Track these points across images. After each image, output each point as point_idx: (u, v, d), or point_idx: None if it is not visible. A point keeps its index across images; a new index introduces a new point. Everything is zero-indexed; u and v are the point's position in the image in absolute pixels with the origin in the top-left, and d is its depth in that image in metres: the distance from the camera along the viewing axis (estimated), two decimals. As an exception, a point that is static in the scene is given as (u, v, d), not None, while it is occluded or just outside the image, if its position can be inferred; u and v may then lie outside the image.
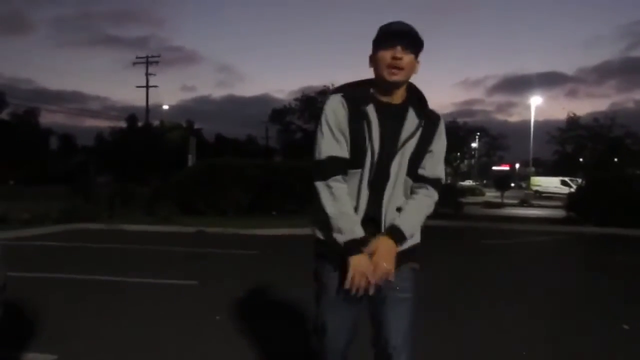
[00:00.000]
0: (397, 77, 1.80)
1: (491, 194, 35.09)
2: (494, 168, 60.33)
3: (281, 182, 13.13)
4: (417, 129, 1.86)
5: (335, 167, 1.84)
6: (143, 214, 12.41)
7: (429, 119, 1.90)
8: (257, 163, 14.67)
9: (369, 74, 1.90)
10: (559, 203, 19.24)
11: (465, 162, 66.33)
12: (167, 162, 27.57)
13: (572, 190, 16.51)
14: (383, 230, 1.86)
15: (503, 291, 5.58)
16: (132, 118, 46.11)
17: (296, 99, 48.42)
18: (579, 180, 16.99)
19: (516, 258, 8.51)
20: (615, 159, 42.13)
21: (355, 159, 1.85)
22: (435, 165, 1.94)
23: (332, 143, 1.84)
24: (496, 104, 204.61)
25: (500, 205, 24.05)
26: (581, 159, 46.94)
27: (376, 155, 1.83)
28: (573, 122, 47.92)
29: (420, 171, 1.92)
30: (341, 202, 1.82)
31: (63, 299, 4.72)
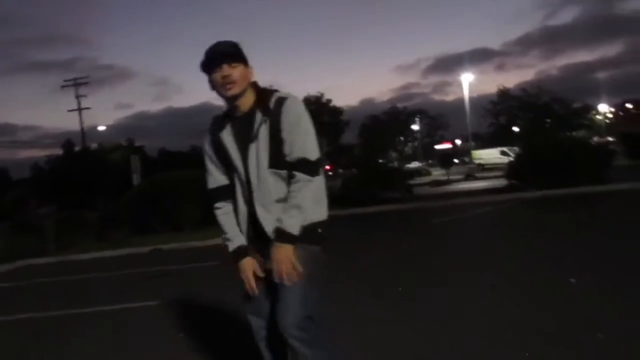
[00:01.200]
0: (232, 91, 1.99)
1: (437, 173, 36.17)
2: (437, 147, 62.04)
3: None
4: (261, 123, 2.00)
5: (214, 197, 2.17)
6: (93, 240, 12.04)
7: (274, 108, 2.00)
8: (203, 174, 14.50)
9: (301, 71, 2.03)
10: (501, 173, 20.08)
11: (409, 144, 67.91)
12: (112, 184, 26.70)
13: (512, 159, 17.24)
14: (266, 229, 2.03)
15: (459, 264, 5.83)
16: (68, 143, 44.20)
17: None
18: (516, 149, 17.79)
19: (467, 231, 8.88)
20: (547, 124, 44.40)
21: (231, 180, 2.14)
22: (294, 148, 1.98)
23: (210, 177, 2.18)
24: (432, 85, 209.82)
25: (447, 182, 24.87)
26: (515, 129, 49.15)
27: (241, 170, 2.06)
28: (504, 94, 50.14)
29: (287, 159, 2.00)
30: (221, 224, 2.16)
31: (20, 340, 4.56)
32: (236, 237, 2.12)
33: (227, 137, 2.06)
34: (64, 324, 5.04)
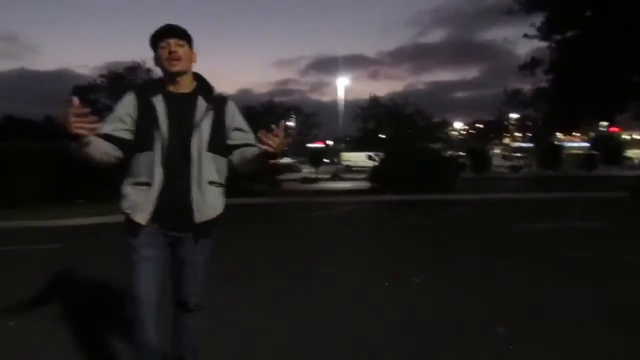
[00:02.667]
0: (177, 67, 2.09)
1: (307, 170, 37.04)
2: (309, 145, 63.57)
3: (82, 167, 11.95)
4: (207, 111, 2.16)
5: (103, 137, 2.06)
6: None
7: (217, 102, 2.21)
8: (57, 146, 13.12)
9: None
10: (366, 175, 21.21)
11: (283, 140, 68.54)
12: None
13: (376, 163, 18.29)
14: (194, 204, 2.11)
15: (319, 256, 6.00)
16: None
17: (102, 75, 44.61)
18: (381, 155, 18.94)
19: (328, 228, 9.20)
20: (408, 133, 47.96)
21: (144, 142, 2.10)
22: (247, 134, 2.28)
23: (104, 125, 2.07)
24: (310, 84, 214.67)
25: (315, 180, 25.58)
26: (381, 135, 52.34)
27: (166, 139, 2.09)
28: (374, 101, 53.07)
29: (244, 141, 2.24)
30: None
31: None
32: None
33: (159, 104, 2.10)
34: None
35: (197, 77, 2.23)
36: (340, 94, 47.25)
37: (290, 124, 65.17)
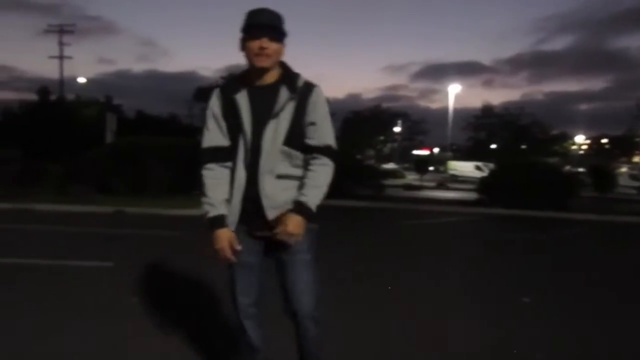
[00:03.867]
0: (264, 63, 2.01)
1: (412, 177, 36.52)
2: (415, 152, 62.62)
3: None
4: (288, 101, 2.03)
5: (208, 156, 2.11)
6: (55, 193, 11.76)
7: (302, 90, 2.06)
8: (180, 142, 14.30)
9: (300, 50, 2.07)
10: (472, 186, 20.44)
11: (388, 145, 68.32)
12: (83, 139, 26.08)
13: (484, 174, 17.56)
14: (263, 200, 2.04)
15: (421, 266, 5.93)
16: (43, 91, 42.90)
17: (222, 77, 47.38)
18: (491, 166, 18.12)
19: (433, 237, 9.02)
20: (523, 146, 45.27)
21: (233, 143, 2.08)
22: (322, 134, 2.08)
23: (209, 135, 2.11)
24: (419, 90, 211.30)
25: (420, 187, 25.15)
26: (493, 145, 49.97)
27: (249, 137, 2.04)
28: (487, 110, 50.82)
29: (311, 142, 2.08)
30: (207, 187, 2.10)
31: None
32: (220, 205, 2.08)
33: (243, 100, 2.05)
34: (13, 273, 4.93)
35: (282, 65, 2.10)
36: (451, 102, 45.81)
37: (397, 129, 64.69)
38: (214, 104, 2.11)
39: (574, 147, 68.00)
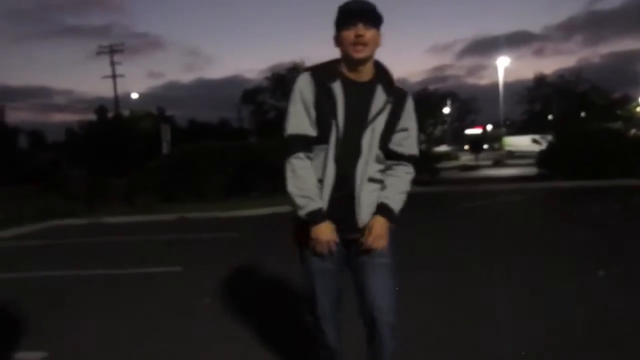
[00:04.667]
0: (362, 53, 1.88)
1: (466, 157, 35.65)
2: (467, 131, 60.99)
3: (258, 162, 13.16)
4: (385, 105, 1.95)
5: (297, 144, 1.94)
6: (122, 205, 12.33)
7: (397, 95, 1.99)
8: (233, 145, 14.64)
9: (337, 50, 1.98)
10: (531, 161, 19.68)
11: (439, 127, 66.95)
12: (141, 152, 27.18)
13: (543, 147, 16.87)
14: (356, 197, 1.94)
15: (491, 248, 5.80)
16: (101, 109, 45.09)
17: (267, 78, 47.93)
18: (549, 138, 17.37)
19: (497, 217, 8.78)
20: (582, 114, 43.05)
21: (322, 135, 1.93)
22: (412, 143, 2.05)
23: (296, 121, 1.94)
24: (466, 68, 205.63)
25: (476, 167, 24.50)
26: (550, 117, 47.81)
27: (341, 131, 1.91)
28: (540, 80, 48.61)
29: (399, 149, 2.03)
30: (299, 178, 1.92)
31: (50, 296, 4.75)
32: (317, 197, 1.92)
33: (339, 93, 1.92)
34: (91, 284, 5.21)
35: (376, 64, 2.00)
36: (500, 76, 44.16)
37: (446, 110, 63.29)
38: (305, 88, 1.94)
39: (639, 109, 64.02)
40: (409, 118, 2.02)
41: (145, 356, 3.15)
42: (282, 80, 44.84)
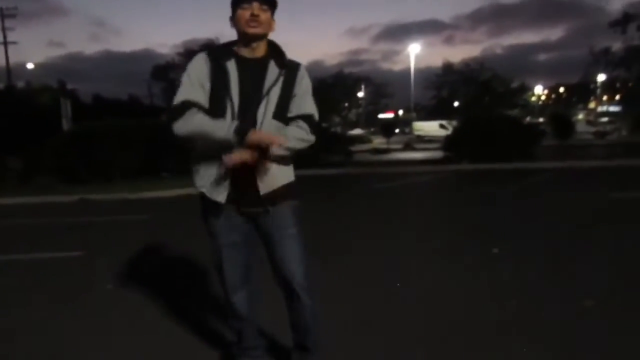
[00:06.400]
0: (257, 29, 1.99)
1: (378, 141, 36.73)
2: (380, 116, 62.78)
3: (169, 141, 12.62)
4: (278, 77, 2.05)
5: (189, 105, 1.98)
6: (16, 185, 11.36)
7: (289, 67, 2.09)
8: (142, 123, 13.91)
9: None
10: (438, 145, 20.72)
11: (353, 111, 68.25)
12: (38, 128, 25.11)
13: (449, 132, 17.76)
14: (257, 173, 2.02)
15: (396, 225, 6.01)
16: (-11, 80, 40.97)
17: (179, 54, 46.11)
18: (454, 123, 18.32)
19: (403, 198, 9.13)
20: (485, 100, 45.87)
21: (218, 109, 2.00)
22: (300, 104, 2.10)
23: (187, 90, 2.01)
24: (381, 53, 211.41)
25: (387, 150, 25.36)
26: (456, 103, 50.42)
27: (236, 105, 2.00)
28: (448, 68, 51.01)
29: (293, 113, 2.09)
30: (203, 121, 1.96)
31: None
32: (231, 122, 1.97)
33: (232, 69, 2.02)
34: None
35: (269, 42, 2.12)
36: (412, 62, 45.82)
37: (360, 94, 64.60)
38: (198, 68, 2.03)
39: (534, 98, 69.34)
40: (299, 85, 2.10)
41: (38, 349, 2.92)
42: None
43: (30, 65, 46.53)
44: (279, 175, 2.09)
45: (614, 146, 21.06)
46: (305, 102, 2.12)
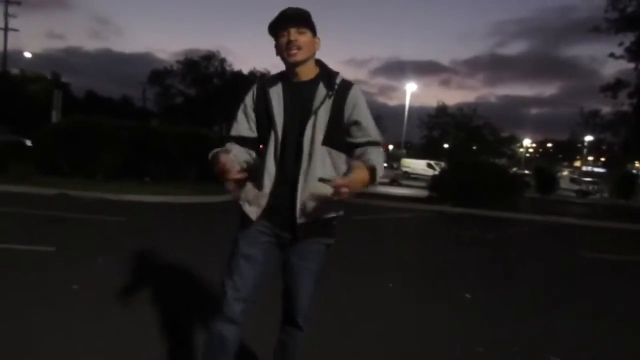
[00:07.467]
0: (297, 57, 1.96)
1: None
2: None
3: (156, 146, 12.56)
4: (324, 99, 1.97)
5: (229, 139, 2.08)
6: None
7: (339, 87, 2.00)
8: (131, 125, 13.82)
9: (260, 43, 2.01)
10: (424, 184, 20.89)
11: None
12: (27, 117, 24.85)
13: (436, 173, 17.97)
14: (298, 200, 1.94)
15: (369, 261, 5.99)
16: (-15, 63, 40.58)
17: (179, 62, 46.29)
18: (442, 164, 18.55)
19: (382, 232, 9.14)
20: (474, 147, 46.64)
21: (263, 135, 2.04)
22: (365, 131, 2.01)
23: (235, 125, 2.08)
24: (378, 86, 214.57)
25: (373, 183, 25.43)
26: (446, 145, 51.18)
27: (279, 131, 1.98)
28: (441, 109, 51.98)
29: (355, 140, 2.01)
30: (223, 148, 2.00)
31: None
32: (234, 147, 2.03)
33: (275, 94, 2.01)
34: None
35: (319, 63, 2.07)
36: (407, 100, 46.46)
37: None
38: (247, 98, 2.08)
39: (521, 149, 70.68)
40: (356, 111, 1.99)
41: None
42: (194, 67, 43.43)
43: (27, 54, 46.25)
44: (324, 207, 1.98)
45: (595, 206, 21.43)
46: (369, 128, 2.02)
